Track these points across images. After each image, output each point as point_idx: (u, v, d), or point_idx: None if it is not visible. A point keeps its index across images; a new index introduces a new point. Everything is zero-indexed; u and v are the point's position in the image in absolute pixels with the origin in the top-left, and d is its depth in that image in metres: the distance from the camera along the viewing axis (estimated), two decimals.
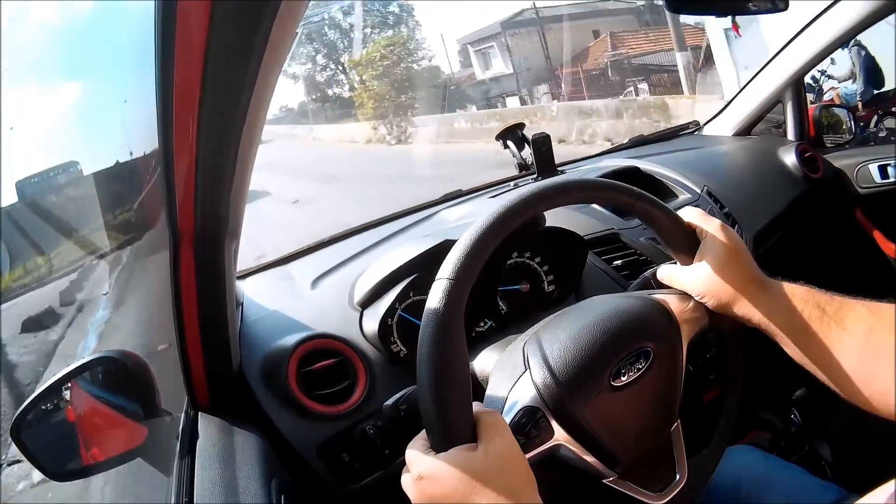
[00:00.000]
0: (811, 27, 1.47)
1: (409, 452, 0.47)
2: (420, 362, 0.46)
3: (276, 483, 0.63)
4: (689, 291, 0.58)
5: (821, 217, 1.49)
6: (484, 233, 0.50)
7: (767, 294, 0.54)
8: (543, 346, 0.54)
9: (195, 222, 0.54)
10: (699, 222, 0.58)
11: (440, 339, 0.46)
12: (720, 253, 0.55)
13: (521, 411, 0.52)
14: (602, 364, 0.53)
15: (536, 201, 0.53)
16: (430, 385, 0.45)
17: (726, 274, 0.55)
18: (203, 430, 0.68)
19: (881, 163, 1.50)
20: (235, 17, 0.37)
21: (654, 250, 1.03)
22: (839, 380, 0.51)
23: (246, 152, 0.50)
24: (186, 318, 0.63)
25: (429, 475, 0.44)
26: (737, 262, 0.55)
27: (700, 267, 0.56)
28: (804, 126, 1.62)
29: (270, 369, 0.75)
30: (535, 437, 0.51)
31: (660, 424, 0.56)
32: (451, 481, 0.43)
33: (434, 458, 0.45)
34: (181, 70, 0.39)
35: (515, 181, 1.39)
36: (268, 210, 7.20)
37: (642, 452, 0.54)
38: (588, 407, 0.52)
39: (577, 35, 12.54)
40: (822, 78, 5.61)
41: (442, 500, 0.43)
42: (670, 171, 1.34)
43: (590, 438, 0.52)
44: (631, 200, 0.57)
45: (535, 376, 0.53)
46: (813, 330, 0.51)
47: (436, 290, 0.48)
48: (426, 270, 0.80)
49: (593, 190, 0.58)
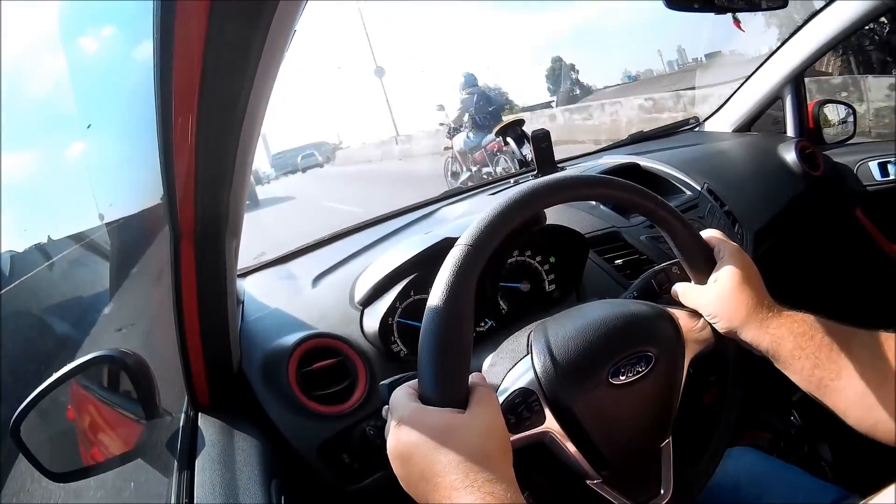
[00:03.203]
0: (811, 23, 1.47)
1: (395, 396, 0.47)
2: (428, 312, 0.46)
3: (276, 483, 0.63)
4: (701, 310, 0.58)
5: (821, 215, 1.49)
6: (508, 207, 0.50)
7: (777, 319, 0.54)
8: (548, 335, 0.55)
9: (195, 220, 0.54)
10: (718, 243, 0.59)
11: (451, 299, 0.46)
12: (735, 276, 0.56)
13: (517, 392, 0.52)
14: (603, 359, 0.53)
15: (559, 189, 0.54)
16: (435, 333, 0.45)
17: (740, 297, 0.55)
18: (203, 429, 0.68)
19: (881, 160, 1.50)
20: (234, 16, 0.37)
21: (655, 249, 1.03)
22: (845, 406, 0.51)
23: (245, 150, 0.50)
24: (187, 317, 0.63)
25: (409, 420, 0.44)
26: (750, 286, 0.56)
27: (714, 287, 0.57)
28: (804, 122, 1.62)
29: (270, 368, 0.75)
30: (526, 419, 0.51)
31: (651, 435, 0.55)
32: (429, 431, 0.43)
33: (419, 405, 0.45)
34: (180, 68, 0.39)
35: (516, 178, 1.39)
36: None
37: (630, 461, 0.54)
38: (583, 399, 0.52)
39: None
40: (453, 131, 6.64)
41: (414, 448, 0.43)
42: (670, 168, 1.34)
43: (580, 433, 0.52)
44: (653, 208, 0.57)
45: (535, 361, 0.53)
46: (821, 356, 0.52)
47: (453, 254, 0.48)
48: (427, 269, 0.80)
49: (621, 190, 0.58)
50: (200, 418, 0.69)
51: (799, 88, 1.60)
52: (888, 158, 1.49)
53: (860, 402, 0.50)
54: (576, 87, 14.91)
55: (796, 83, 1.59)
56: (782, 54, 1.56)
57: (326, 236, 1.19)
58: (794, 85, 1.59)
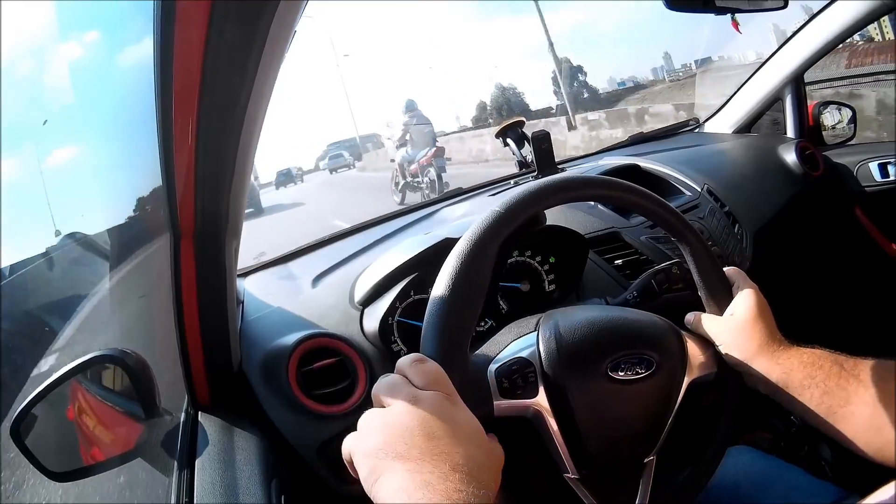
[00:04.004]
0: (811, 24, 1.47)
1: (385, 379, 0.45)
2: (445, 268, 0.50)
3: (276, 483, 0.63)
4: (715, 338, 0.60)
5: (821, 215, 1.49)
6: (544, 189, 0.54)
7: (787, 352, 0.56)
8: (558, 320, 0.55)
9: (195, 221, 0.54)
10: (738, 279, 0.63)
11: (471, 255, 0.50)
12: (752, 310, 0.59)
13: (516, 360, 0.53)
14: (606, 350, 0.53)
15: (593, 186, 0.57)
16: (451, 278, 0.49)
17: (754, 330, 0.58)
18: (203, 429, 0.68)
19: (881, 161, 1.50)
20: (234, 17, 0.37)
21: (655, 249, 1.03)
22: (854, 431, 0.53)
23: (245, 150, 0.50)
24: (187, 317, 0.63)
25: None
26: (764, 321, 0.58)
27: (731, 319, 0.60)
28: (804, 123, 1.62)
29: (270, 368, 0.75)
30: (519, 387, 0.52)
31: (638, 445, 0.55)
32: (430, 409, 0.41)
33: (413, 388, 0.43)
34: (180, 68, 0.39)
35: (516, 179, 1.39)
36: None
37: (612, 466, 0.53)
38: (579, 384, 0.52)
39: None
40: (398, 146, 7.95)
41: (408, 421, 0.40)
42: (670, 169, 1.34)
43: (569, 419, 0.51)
44: (683, 231, 0.60)
45: (540, 337, 0.54)
46: (830, 383, 0.53)
47: (483, 215, 0.50)
48: (427, 269, 0.80)
49: (654, 204, 0.60)
50: (200, 418, 0.69)
51: (799, 89, 1.60)
52: (888, 159, 1.49)
53: (869, 425, 0.51)
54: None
55: (796, 84, 1.59)
56: (782, 55, 1.56)
57: (326, 237, 1.19)
58: (793, 86, 1.59)
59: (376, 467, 0.39)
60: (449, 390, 0.44)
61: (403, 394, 0.42)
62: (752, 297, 0.60)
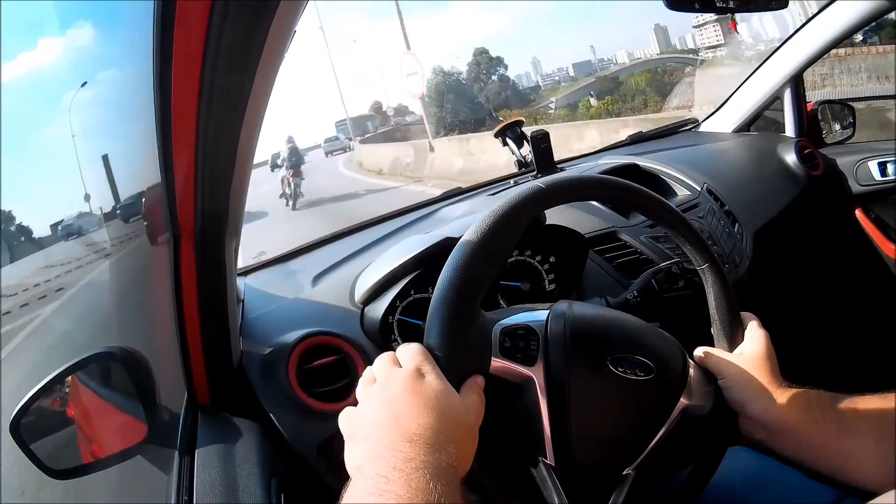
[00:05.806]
0: (811, 24, 1.47)
1: (417, 347, 0.49)
2: (477, 221, 0.51)
3: (275, 482, 0.63)
4: (720, 373, 0.60)
5: (820, 215, 1.49)
6: (587, 180, 0.57)
7: (787, 393, 0.58)
8: (573, 305, 0.56)
9: (195, 219, 0.54)
10: (751, 322, 0.65)
11: (506, 215, 0.52)
12: (760, 353, 0.61)
13: (523, 325, 0.53)
14: (612, 343, 0.54)
15: (628, 190, 0.59)
16: (479, 235, 0.51)
17: (760, 370, 0.59)
18: (203, 427, 0.68)
19: (881, 160, 1.49)
20: (234, 16, 0.37)
21: (655, 249, 1.03)
22: (853, 465, 0.53)
23: (245, 150, 0.50)
24: (187, 315, 0.63)
25: (425, 372, 0.47)
26: (769, 364, 0.60)
27: (739, 358, 0.61)
28: (803, 122, 1.62)
29: (270, 366, 0.75)
30: (519, 351, 0.52)
31: (621, 450, 0.54)
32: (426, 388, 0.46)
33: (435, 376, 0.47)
34: (180, 68, 0.39)
35: (515, 178, 1.39)
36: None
37: (589, 465, 0.53)
38: (578, 366, 0.52)
39: None
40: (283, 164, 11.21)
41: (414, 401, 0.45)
42: (670, 169, 1.34)
43: (560, 400, 0.51)
44: (705, 263, 0.62)
45: (551, 316, 0.54)
46: (828, 417, 0.55)
47: (523, 187, 0.52)
48: (427, 268, 0.80)
49: (682, 226, 0.62)
50: (200, 416, 0.69)
51: (798, 88, 1.60)
52: (888, 158, 1.48)
53: (868, 457, 0.52)
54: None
55: (796, 83, 1.59)
56: (782, 54, 1.56)
57: (327, 235, 1.19)
58: (793, 85, 1.59)
59: (351, 454, 0.46)
60: (419, 362, 0.48)
61: (373, 382, 0.50)
62: (763, 340, 0.62)
